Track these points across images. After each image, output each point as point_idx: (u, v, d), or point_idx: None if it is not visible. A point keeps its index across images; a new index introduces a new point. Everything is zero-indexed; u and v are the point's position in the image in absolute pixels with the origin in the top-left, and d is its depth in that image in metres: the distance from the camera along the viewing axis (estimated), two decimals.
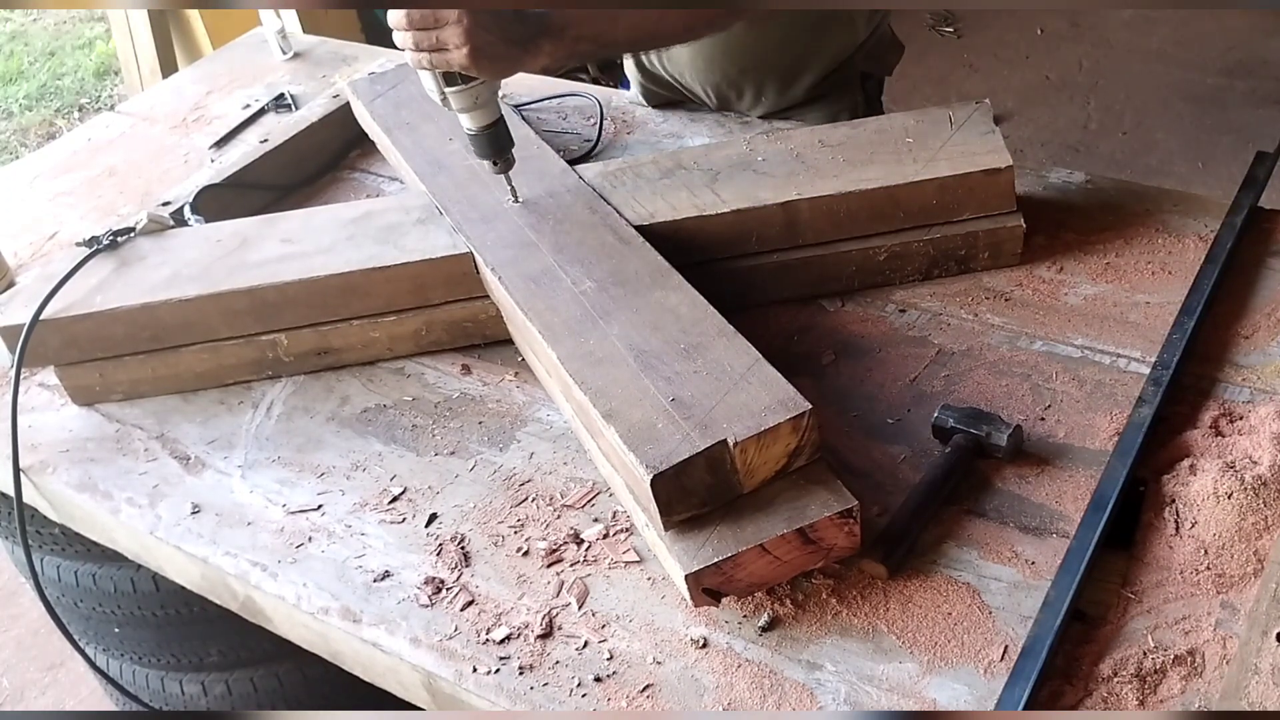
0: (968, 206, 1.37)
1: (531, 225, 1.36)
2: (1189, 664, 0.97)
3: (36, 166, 1.93)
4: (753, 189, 1.37)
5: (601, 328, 1.19)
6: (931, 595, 1.05)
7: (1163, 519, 1.08)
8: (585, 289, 1.25)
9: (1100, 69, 3.94)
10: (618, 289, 1.24)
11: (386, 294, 1.35)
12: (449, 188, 1.45)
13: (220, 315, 1.35)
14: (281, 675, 1.65)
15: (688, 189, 1.39)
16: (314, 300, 1.35)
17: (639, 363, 1.13)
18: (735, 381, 1.09)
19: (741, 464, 1.03)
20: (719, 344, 1.14)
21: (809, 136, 1.45)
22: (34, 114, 4.44)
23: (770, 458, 1.05)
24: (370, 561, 1.15)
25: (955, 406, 1.18)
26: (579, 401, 1.14)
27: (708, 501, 1.04)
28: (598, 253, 1.30)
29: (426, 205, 1.43)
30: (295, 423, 1.33)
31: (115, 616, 1.59)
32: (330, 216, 1.45)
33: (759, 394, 1.07)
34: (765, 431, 1.03)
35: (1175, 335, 1.24)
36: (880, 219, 1.37)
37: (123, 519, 1.25)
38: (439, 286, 1.36)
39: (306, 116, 1.77)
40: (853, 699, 0.98)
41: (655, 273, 1.26)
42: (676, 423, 1.05)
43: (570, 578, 1.11)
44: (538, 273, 1.28)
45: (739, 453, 1.02)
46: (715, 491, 1.04)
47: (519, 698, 1.01)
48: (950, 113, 1.44)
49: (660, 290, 1.23)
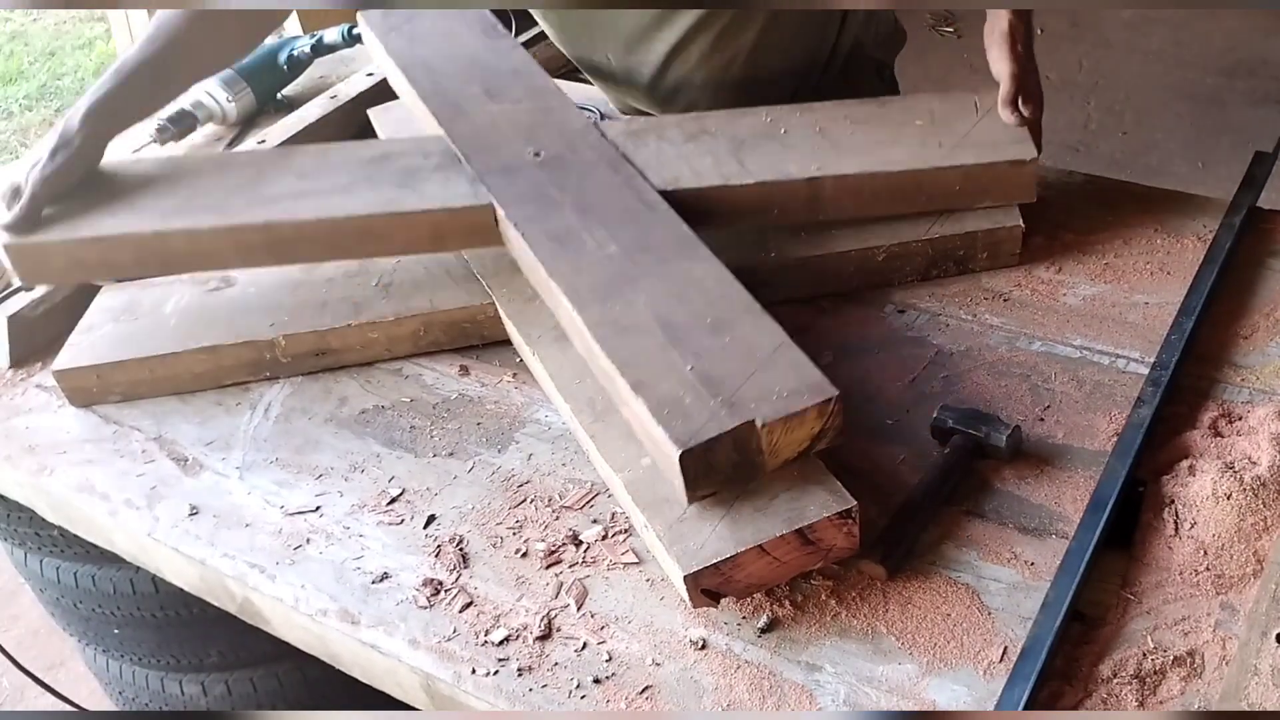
0: (990, 195, 1.37)
1: (554, 181, 1.34)
2: (1189, 665, 0.96)
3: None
4: (778, 161, 1.37)
5: (628, 295, 1.17)
6: (931, 596, 1.04)
7: (1162, 520, 1.07)
8: (610, 253, 1.23)
9: (1100, 69, 3.94)
10: (643, 256, 1.22)
11: (404, 239, 1.34)
12: (469, 135, 1.41)
13: (234, 249, 1.32)
14: (281, 676, 1.65)
15: (712, 155, 1.38)
16: (331, 240, 1.32)
17: (666, 334, 1.12)
18: (762, 361, 1.08)
19: (767, 445, 1.03)
20: (746, 321, 1.13)
21: (834, 111, 1.44)
22: (34, 114, 4.43)
23: (794, 440, 1.05)
24: (368, 563, 1.15)
25: (954, 407, 1.18)
26: (604, 370, 1.13)
27: (731, 479, 1.04)
28: (622, 216, 1.28)
29: (445, 150, 1.40)
30: (293, 424, 1.33)
31: (115, 618, 1.59)
32: (346, 155, 1.42)
33: (787, 376, 1.06)
34: (792, 415, 1.03)
35: (1174, 336, 1.24)
36: (903, 201, 1.37)
37: (120, 520, 1.25)
38: (457, 236, 1.34)
39: (305, 117, 1.77)
40: (852, 700, 0.98)
41: (681, 242, 1.24)
42: (704, 399, 1.04)
43: (569, 579, 1.11)
44: (561, 232, 1.26)
45: (765, 434, 1.03)
46: (739, 470, 1.04)
47: (518, 699, 1.01)
48: (976, 99, 1.43)
49: (686, 261, 1.21)
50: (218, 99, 1.85)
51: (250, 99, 1.88)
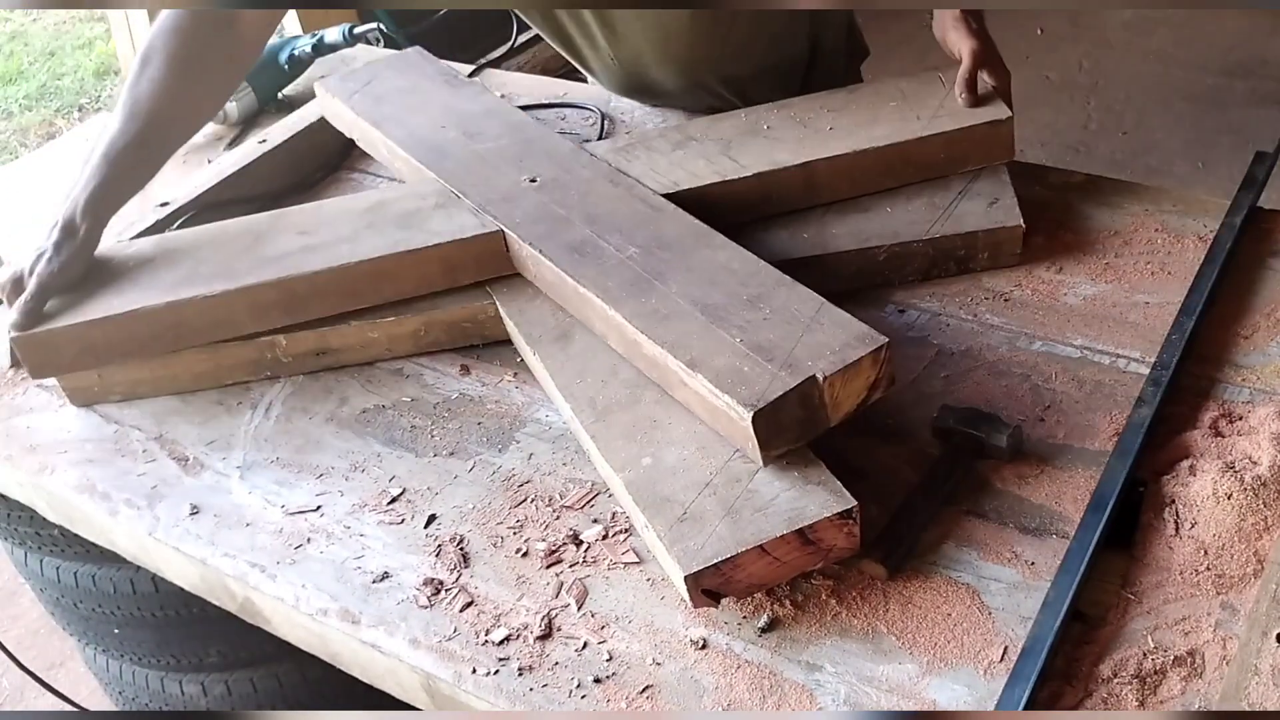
0: (973, 158, 1.43)
1: (556, 201, 1.36)
2: (1189, 665, 0.96)
3: (36, 166, 1.93)
4: (768, 153, 1.42)
5: (659, 288, 1.21)
6: (931, 596, 1.04)
7: (1162, 519, 1.07)
8: (630, 254, 1.26)
9: (1100, 69, 3.94)
10: (664, 252, 1.26)
11: (417, 277, 1.35)
12: (459, 173, 1.44)
13: (248, 310, 1.33)
14: (281, 676, 1.64)
15: (704, 158, 1.43)
16: (344, 288, 1.34)
17: (706, 315, 1.16)
18: (807, 324, 1.13)
19: (829, 398, 1.08)
20: (781, 292, 1.18)
21: (810, 103, 1.50)
22: (34, 114, 4.43)
23: (853, 391, 1.10)
24: (369, 562, 1.15)
25: (955, 407, 1.18)
26: (652, 357, 1.16)
27: (800, 436, 1.08)
28: (632, 220, 1.31)
29: (440, 190, 1.42)
30: (294, 423, 1.33)
31: (115, 617, 1.59)
32: (341, 207, 1.44)
33: (835, 332, 1.11)
34: (849, 366, 1.08)
35: (1175, 335, 1.24)
36: (892, 174, 1.43)
37: (121, 520, 1.25)
38: (470, 267, 1.35)
39: (305, 117, 1.77)
40: (852, 700, 0.98)
41: (696, 234, 1.28)
42: (761, 365, 1.09)
43: (569, 579, 1.11)
44: (578, 243, 1.29)
45: (827, 388, 1.07)
46: (806, 426, 1.08)
47: (518, 699, 1.01)
48: (941, 74, 1.50)
49: (707, 249, 1.25)
50: None
51: (251, 99, 1.89)
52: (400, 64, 1.70)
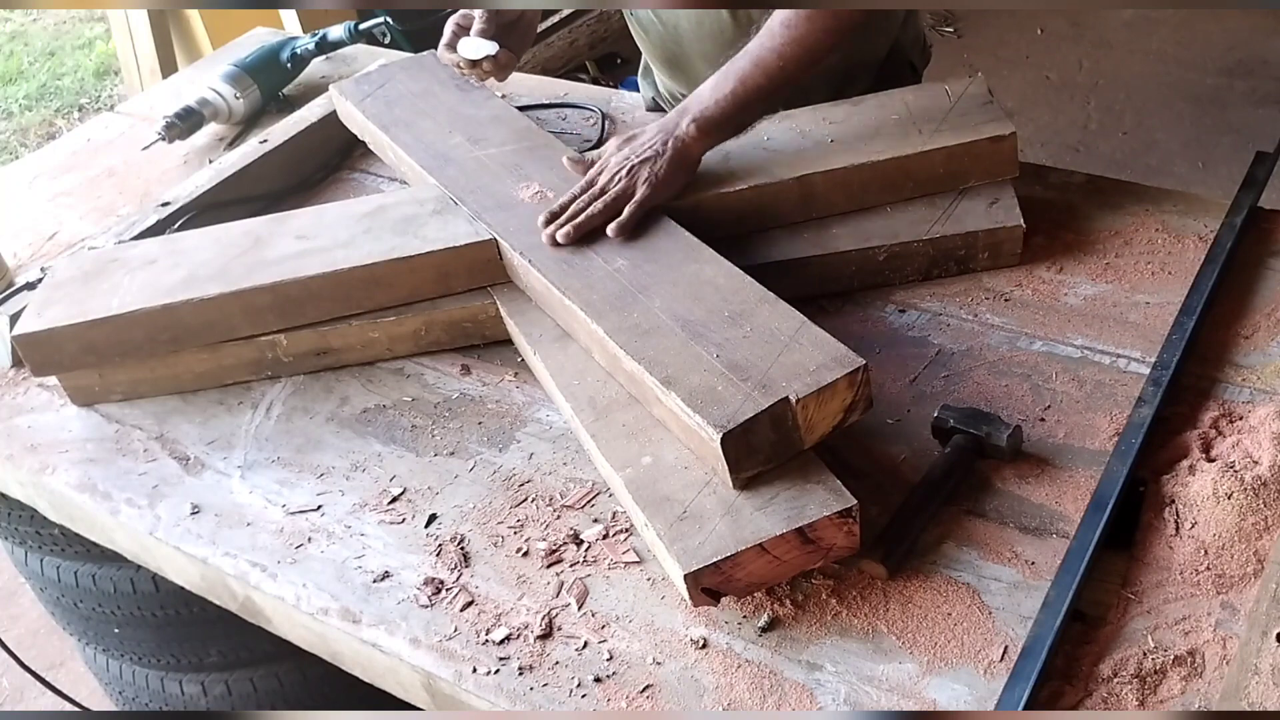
0: (974, 173, 1.41)
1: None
2: (1189, 664, 0.96)
3: (36, 166, 1.93)
4: (766, 166, 1.41)
5: (643, 302, 1.21)
6: (931, 595, 1.05)
7: (1163, 519, 1.08)
8: (619, 266, 1.26)
9: (1100, 69, 3.94)
10: (651, 265, 1.26)
11: (410, 284, 1.36)
12: (459, 179, 1.45)
13: (243, 313, 1.34)
14: (281, 675, 1.65)
15: (701, 170, 1.41)
16: (338, 293, 1.35)
17: (686, 331, 1.16)
18: (786, 343, 1.12)
19: (803, 420, 1.06)
20: (763, 310, 1.17)
21: (812, 115, 1.49)
22: (34, 114, 4.43)
23: (829, 413, 1.08)
24: (370, 562, 1.15)
25: (955, 407, 1.18)
26: (630, 372, 1.15)
27: (772, 458, 1.07)
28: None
29: (440, 197, 1.43)
30: (295, 423, 1.33)
31: (115, 617, 1.59)
32: (342, 212, 1.45)
33: (812, 353, 1.10)
34: (823, 388, 1.07)
35: (1175, 335, 1.24)
36: (891, 189, 1.41)
37: (122, 519, 1.25)
38: (462, 275, 1.36)
39: (306, 117, 1.77)
40: (853, 699, 0.98)
41: (686, 248, 1.28)
42: (736, 384, 1.08)
43: (570, 578, 1.11)
44: (567, 254, 1.30)
45: (800, 409, 1.06)
46: (779, 448, 1.07)
47: (519, 698, 1.01)
48: (947, 88, 1.48)
49: (694, 264, 1.25)
50: (225, 96, 1.85)
51: (256, 96, 1.89)
52: (414, 67, 1.71)
